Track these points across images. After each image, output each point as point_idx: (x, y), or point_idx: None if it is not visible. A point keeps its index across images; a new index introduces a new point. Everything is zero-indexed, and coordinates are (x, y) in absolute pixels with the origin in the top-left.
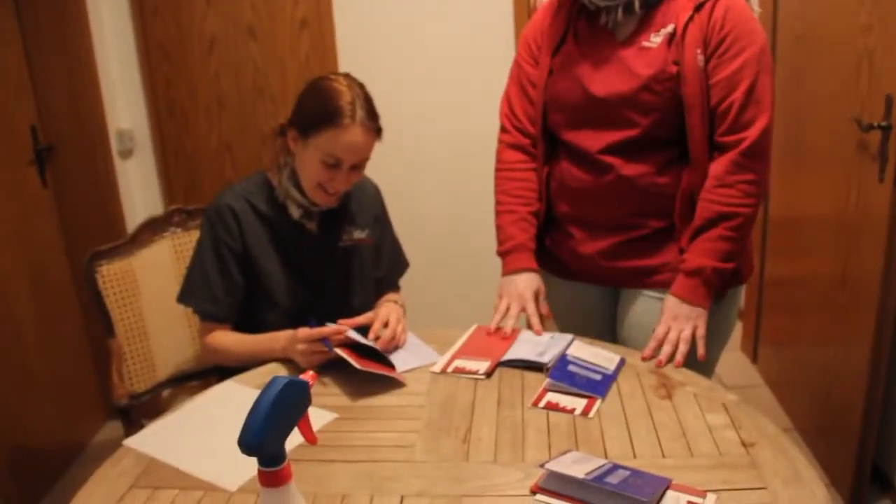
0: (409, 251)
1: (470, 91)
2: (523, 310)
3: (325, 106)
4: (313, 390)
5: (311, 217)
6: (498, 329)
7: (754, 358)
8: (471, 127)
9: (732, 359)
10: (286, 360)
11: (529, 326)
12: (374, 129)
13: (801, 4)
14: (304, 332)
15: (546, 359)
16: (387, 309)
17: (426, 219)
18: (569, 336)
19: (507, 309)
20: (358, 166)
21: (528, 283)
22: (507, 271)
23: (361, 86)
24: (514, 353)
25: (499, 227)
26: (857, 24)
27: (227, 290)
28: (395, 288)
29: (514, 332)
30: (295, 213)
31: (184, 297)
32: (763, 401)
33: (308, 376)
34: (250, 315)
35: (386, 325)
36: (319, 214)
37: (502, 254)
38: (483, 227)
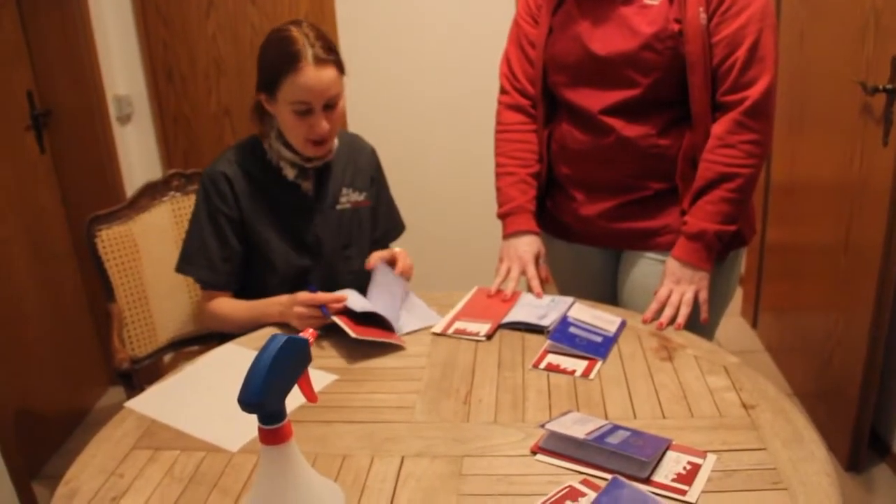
0: (409, 214)
1: (469, 51)
2: (524, 272)
3: (278, 57)
4: (313, 353)
5: (306, 176)
6: (499, 291)
7: (754, 323)
8: (471, 87)
9: (733, 324)
10: (284, 325)
11: (530, 289)
12: (331, 61)
13: None
14: (303, 295)
15: (547, 322)
16: (392, 251)
17: (426, 181)
18: (569, 299)
19: (508, 272)
20: (331, 105)
21: (528, 245)
22: (508, 234)
23: (312, 26)
24: (514, 315)
25: (498, 189)
26: None
27: (225, 257)
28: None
29: (515, 295)
30: (290, 173)
31: (183, 267)
32: (763, 366)
33: (308, 334)
34: (251, 281)
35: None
36: (315, 174)
37: (502, 216)
38: (483, 189)
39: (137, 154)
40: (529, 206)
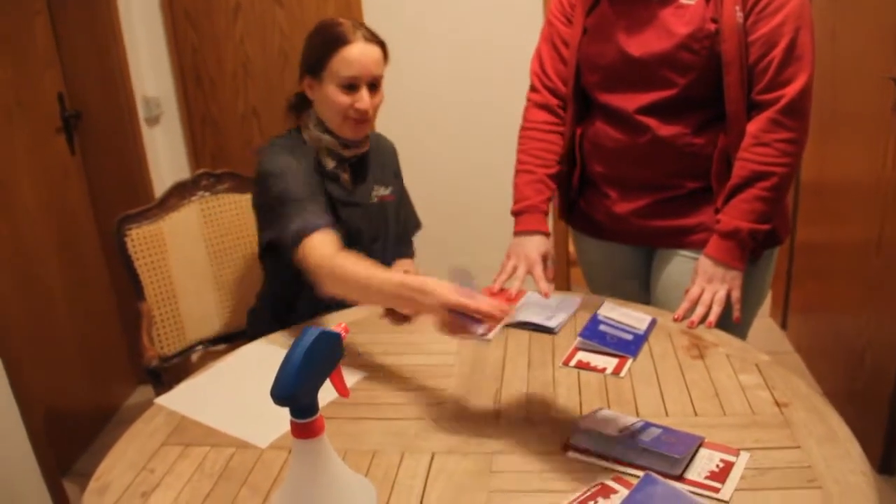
0: (429, 210)
1: (496, 52)
2: (530, 272)
3: (325, 37)
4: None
5: (344, 167)
6: (502, 290)
7: (784, 325)
8: (496, 87)
9: (762, 325)
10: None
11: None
12: (378, 42)
13: None
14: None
15: (554, 323)
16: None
17: (445, 178)
18: (577, 299)
19: (514, 270)
20: (374, 85)
21: (537, 245)
22: (518, 232)
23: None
24: (521, 315)
25: (515, 186)
26: None
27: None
28: (410, 248)
29: (520, 294)
30: (329, 164)
31: (287, 217)
32: (792, 368)
33: (340, 328)
34: (289, 273)
35: None
36: (350, 167)
37: (515, 213)
38: (504, 187)
39: (166, 155)
40: (543, 207)
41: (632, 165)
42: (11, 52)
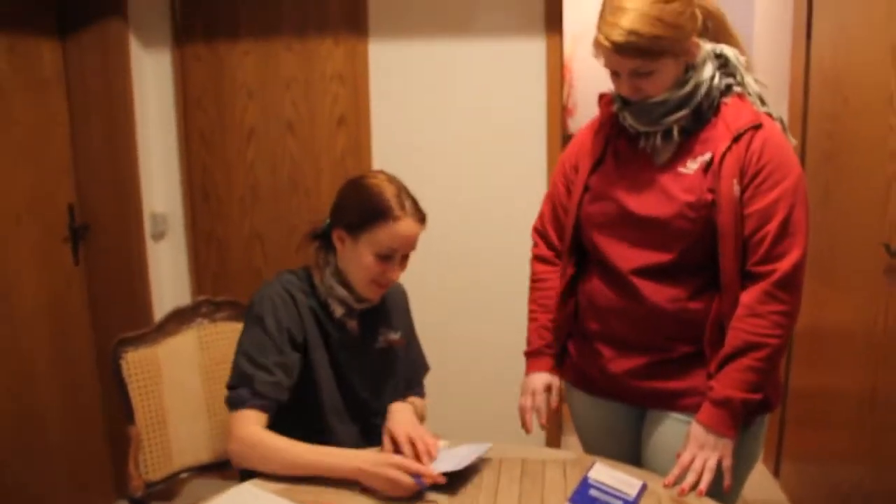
0: (434, 354)
1: (500, 202)
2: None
3: (372, 203)
4: None
5: (352, 315)
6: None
7: (776, 472)
8: (500, 236)
9: (754, 472)
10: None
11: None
12: (422, 217)
13: (832, 125)
14: (399, 458)
15: (461, 466)
16: (401, 424)
17: (455, 323)
18: (485, 445)
19: (529, 405)
20: (407, 256)
21: (541, 379)
22: (527, 372)
23: (397, 179)
24: (439, 467)
25: (527, 331)
26: (885, 150)
27: (284, 367)
28: (419, 388)
29: (434, 448)
30: (338, 311)
31: (238, 381)
32: None
33: None
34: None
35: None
36: (359, 314)
37: (526, 355)
38: (512, 332)
39: (168, 271)
40: (547, 351)
41: (626, 326)
42: (30, 160)
